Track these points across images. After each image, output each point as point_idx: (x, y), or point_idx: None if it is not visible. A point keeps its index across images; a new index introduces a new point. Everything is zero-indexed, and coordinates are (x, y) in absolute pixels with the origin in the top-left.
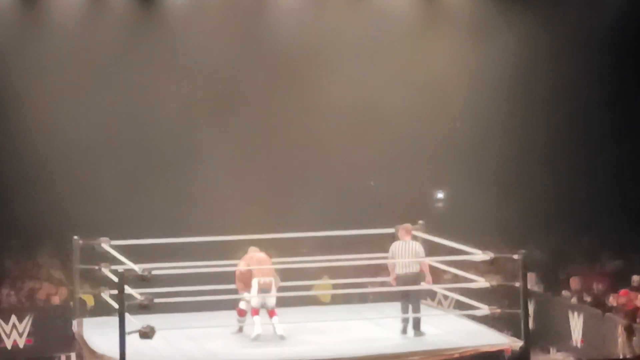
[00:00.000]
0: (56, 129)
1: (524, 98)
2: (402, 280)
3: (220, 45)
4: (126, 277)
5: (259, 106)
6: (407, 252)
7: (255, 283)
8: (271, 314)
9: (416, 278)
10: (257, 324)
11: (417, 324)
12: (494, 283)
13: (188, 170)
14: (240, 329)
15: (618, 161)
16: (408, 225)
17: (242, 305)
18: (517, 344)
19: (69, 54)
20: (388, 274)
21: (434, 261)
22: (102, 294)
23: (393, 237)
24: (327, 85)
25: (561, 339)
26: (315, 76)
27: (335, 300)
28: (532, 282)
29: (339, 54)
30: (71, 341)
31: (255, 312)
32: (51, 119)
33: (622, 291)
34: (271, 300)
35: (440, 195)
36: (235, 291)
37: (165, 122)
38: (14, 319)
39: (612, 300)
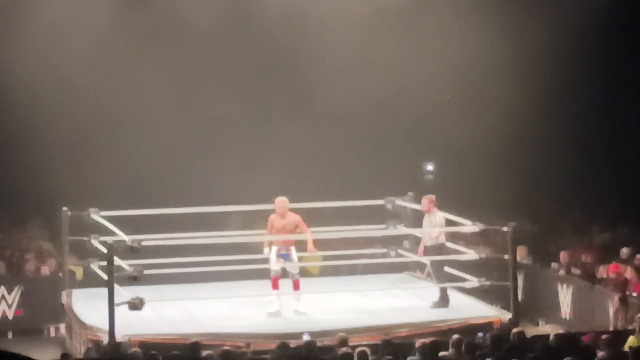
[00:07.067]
0: (46, 100)
1: (515, 71)
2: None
3: (211, 12)
4: (115, 248)
5: (249, 76)
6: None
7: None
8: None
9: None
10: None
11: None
12: (484, 255)
13: (179, 140)
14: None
15: (608, 134)
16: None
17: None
18: (506, 316)
19: (60, 19)
20: (379, 246)
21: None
22: (92, 265)
23: (382, 209)
24: (319, 57)
25: (550, 311)
26: (309, 53)
27: (324, 272)
28: (522, 255)
29: (331, 25)
30: (60, 312)
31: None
32: (40, 90)
33: (612, 266)
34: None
35: (430, 167)
36: (225, 262)
37: (156, 92)
38: (3, 290)
39: (601, 273)
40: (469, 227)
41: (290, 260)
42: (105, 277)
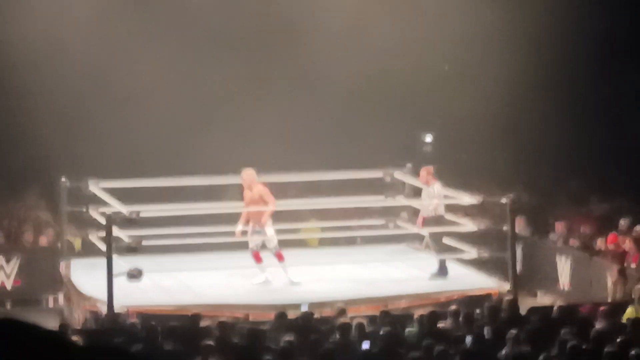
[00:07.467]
0: (44, 71)
1: (513, 42)
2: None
3: None
4: (114, 219)
5: (248, 47)
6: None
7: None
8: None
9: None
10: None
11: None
12: (482, 227)
13: (177, 111)
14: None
15: (607, 105)
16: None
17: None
18: (505, 287)
19: None
20: (376, 217)
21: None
22: (90, 236)
23: (381, 181)
24: (317, 28)
25: (548, 282)
26: (307, 23)
27: (323, 243)
28: (521, 226)
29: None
30: (58, 283)
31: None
32: (39, 60)
33: (611, 237)
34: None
35: (428, 138)
36: (223, 233)
37: (155, 63)
38: (1, 260)
39: (599, 244)
40: (467, 198)
41: (264, 235)
42: (103, 247)
